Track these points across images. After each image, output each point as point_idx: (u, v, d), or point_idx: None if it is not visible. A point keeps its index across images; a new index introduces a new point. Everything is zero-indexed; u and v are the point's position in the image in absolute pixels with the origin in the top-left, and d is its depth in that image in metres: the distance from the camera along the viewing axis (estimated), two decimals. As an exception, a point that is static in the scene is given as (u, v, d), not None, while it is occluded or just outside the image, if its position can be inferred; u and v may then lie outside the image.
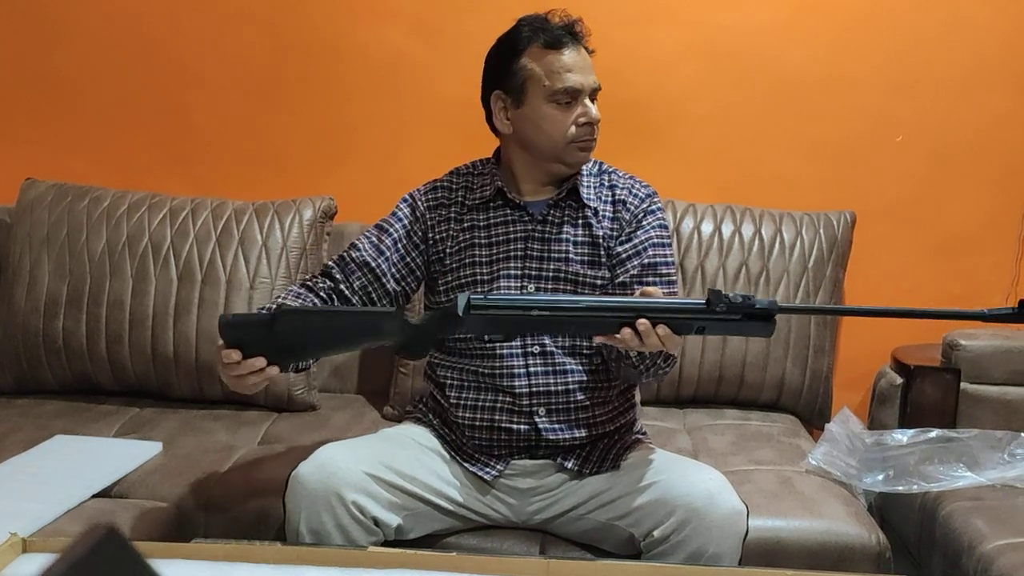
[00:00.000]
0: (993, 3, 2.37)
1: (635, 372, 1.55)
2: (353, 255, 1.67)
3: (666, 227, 1.70)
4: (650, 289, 1.44)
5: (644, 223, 1.67)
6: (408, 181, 1.79)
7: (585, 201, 1.66)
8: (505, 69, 1.62)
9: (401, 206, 1.72)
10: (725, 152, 2.48)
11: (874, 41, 2.41)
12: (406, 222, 1.70)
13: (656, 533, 1.48)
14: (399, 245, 1.68)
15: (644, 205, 1.68)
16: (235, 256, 2.20)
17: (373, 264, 1.66)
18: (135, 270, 2.19)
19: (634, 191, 1.69)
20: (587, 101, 1.60)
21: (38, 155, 2.53)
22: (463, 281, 1.65)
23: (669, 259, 1.67)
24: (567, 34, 1.60)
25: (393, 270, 1.68)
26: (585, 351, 1.64)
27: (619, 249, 1.66)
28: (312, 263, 2.25)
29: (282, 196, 2.31)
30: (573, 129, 1.60)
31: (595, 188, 1.69)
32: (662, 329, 1.36)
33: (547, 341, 1.63)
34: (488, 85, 1.66)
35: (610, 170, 1.73)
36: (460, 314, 1.39)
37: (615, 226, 1.67)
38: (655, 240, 1.66)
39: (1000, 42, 2.39)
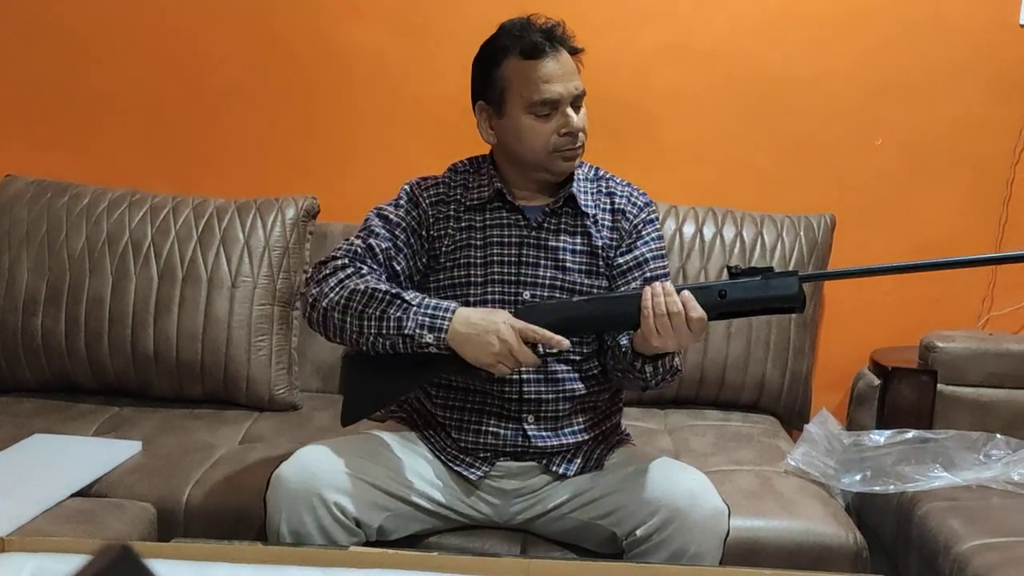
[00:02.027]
0: (971, 6, 2.40)
1: (643, 383, 1.55)
2: (374, 243, 1.60)
3: (662, 237, 1.71)
4: None
5: (644, 234, 1.67)
6: (391, 180, 1.79)
7: (583, 209, 1.65)
8: (486, 79, 1.61)
9: (404, 200, 1.66)
10: (707, 154, 2.49)
11: (853, 44, 2.43)
12: (412, 216, 1.64)
13: (638, 532, 1.49)
14: (411, 239, 1.63)
15: (643, 215, 1.68)
16: (216, 254, 2.19)
17: (394, 261, 1.61)
18: (115, 268, 2.18)
19: (632, 199, 1.69)
20: (568, 110, 1.57)
21: (17, 151, 2.51)
22: (456, 281, 1.63)
23: (667, 270, 1.68)
24: (546, 41, 1.57)
25: (409, 269, 1.64)
26: (575, 356, 1.63)
27: (620, 260, 1.65)
28: (294, 262, 2.24)
29: (265, 195, 2.30)
30: (555, 139, 1.58)
31: (592, 194, 1.68)
32: (686, 294, 1.39)
33: (539, 347, 1.62)
34: (473, 94, 1.65)
35: (607, 176, 1.71)
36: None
37: (614, 235, 1.66)
38: (655, 252, 1.67)
39: (978, 46, 2.41)
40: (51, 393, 2.21)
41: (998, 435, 2.01)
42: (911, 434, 2.02)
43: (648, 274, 1.64)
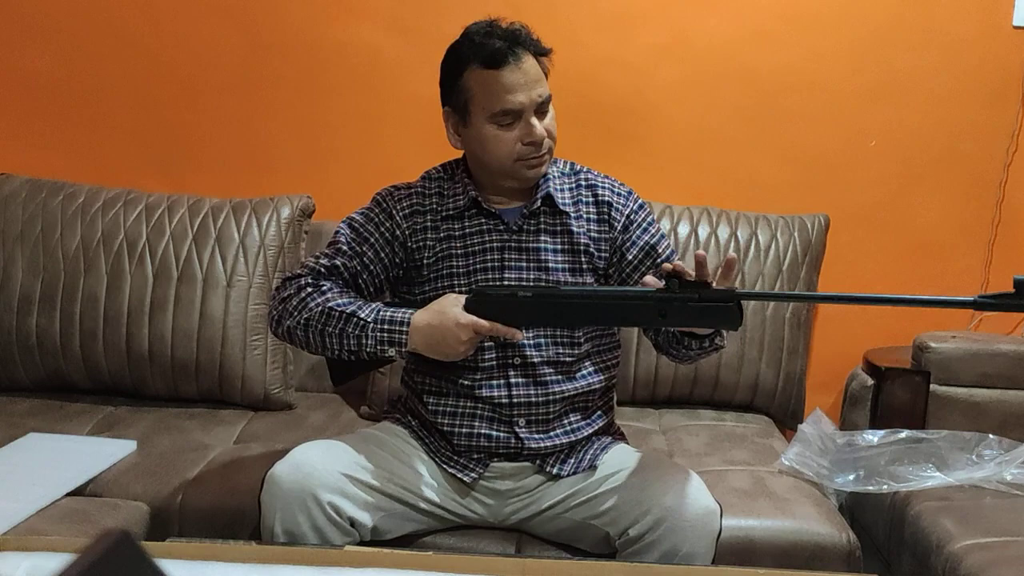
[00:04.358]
0: (965, 9, 2.41)
1: (689, 356, 1.61)
2: (339, 263, 1.63)
3: (655, 219, 1.74)
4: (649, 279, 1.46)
5: (642, 222, 1.68)
6: (387, 179, 1.78)
7: (561, 208, 1.65)
8: (451, 87, 1.60)
9: (376, 211, 1.67)
10: (702, 155, 2.50)
11: (847, 45, 2.44)
12: (385, 228, 1.65)
13: (631, 532, 1.50)
14: (380, 253, 1.65)
15: (631, 204, 1.69)
16: (212, 254, 2.19)
17: (359, 278, 1.64)
18: (110, 267, 2.18)
19: (616, 190, 1.70)
20: (532, 119, 1.56)
21: (12, 150, 2.50)
22: (440, 292, 1.60)
23: (671, 247, 1.72)
24: (509, 46, 1.54)
25: (376, 283, 1.66)
26: (567, 358, 1.64)
27: (628, 257, 1.66)
28: (290, 261, 2.24)
29: (260, 194, 2.30)
30: (519, 147, 1.57)
31: (570, 190, 1.68)
32: None
33: (528, 352, 1.61)
34: (442, 99, 1.64)
35: (583, 170, 1.71)
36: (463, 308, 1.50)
37: (602, 227, 1.67)
38: (657, 236, 1.69)
39: (972, 47, 2.42)
40: (46, 392, 2.21)
41: (991, 435, 2.02)
42: (904, 434, 2.03)
43: (659, 259, 1.66)
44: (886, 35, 2.43)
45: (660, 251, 1.67)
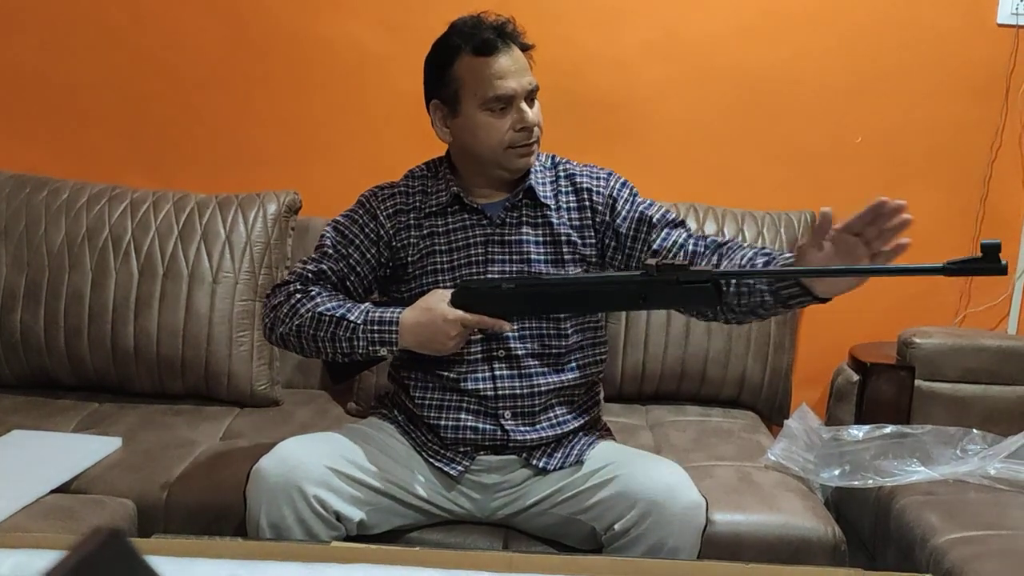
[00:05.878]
0: (951, 10, 2.42)
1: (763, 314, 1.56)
2: (326, 267, 1.64)
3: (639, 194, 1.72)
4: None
5: (628, 196, 1.67)
6: (373, 176, 1.79)
7: (542, 200, 1.65)
8: (439, 78, 1.61)
9: (360, 213, 1.68)
10: (689, 152, 2.50)
11: (835, 45, 2.45)
12: (370, 229, 1.66)
13: (617, 526, 1.50)
14: (366, 255, 1.66)
15: (613, 182, 1.69)
16: (197, 250, 2.18)
17: (347, 280, 1.66)
18: (95, 263, 2.17)
19: (594, 175, 1.70)
20: (523, 105, 1.58)
21: (-5, 145, 2.49)
22: (425, 289, 1.62)
23: (663, 207, 1.68)
24: (497, 37, 1.57)
25: (364, 284, 1.68)
26: (553, 351, 1.64)
27: (621, 230, 1.64)
28: (276, 257, 2.24)
29: (246, 190, 2.30)
30: (510, 134, 1.58)
31: (551, 182, 1.69)
32: None
33: (512, 345, 1.62)
34: (427, 94, 1.65)
35: (563, 161, 1.72)
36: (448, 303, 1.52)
37: (583, 215, 1.67)
38: (647, 204, 1.67)
39: (957, 44, 2.44)
40: (30, 389, 2.20)
41: (974, 430, 2.03)
42: (889, 429, 2.04)
43: (654, 221, 1.64)
44: (872, 32, 2.44)
45: (652, 214, 1.65)
